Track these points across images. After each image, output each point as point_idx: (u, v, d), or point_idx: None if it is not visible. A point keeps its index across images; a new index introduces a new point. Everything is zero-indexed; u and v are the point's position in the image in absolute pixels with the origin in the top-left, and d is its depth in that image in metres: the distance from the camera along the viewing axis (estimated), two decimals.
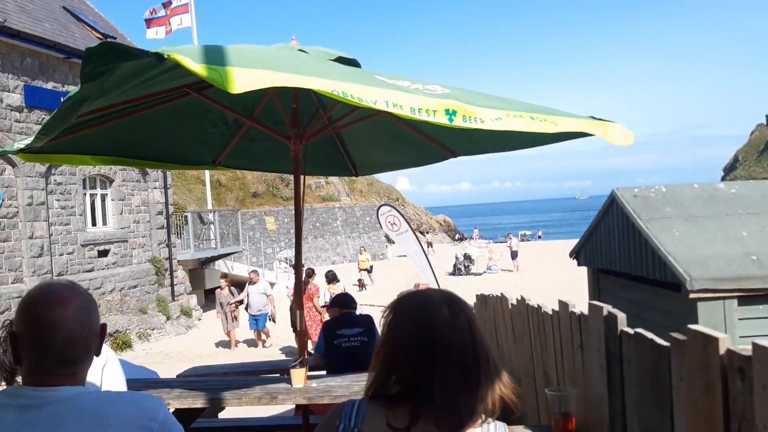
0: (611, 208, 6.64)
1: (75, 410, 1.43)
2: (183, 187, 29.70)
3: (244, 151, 5.01)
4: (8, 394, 1.48)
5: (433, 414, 1.36)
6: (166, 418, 1.50)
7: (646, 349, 2.00)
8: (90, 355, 1.54)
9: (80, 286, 1.59)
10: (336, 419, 1.43)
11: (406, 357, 1.41)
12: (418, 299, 1.50)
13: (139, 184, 17.17)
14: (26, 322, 1.49)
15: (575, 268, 9.85)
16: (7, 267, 12.99)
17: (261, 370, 5.98)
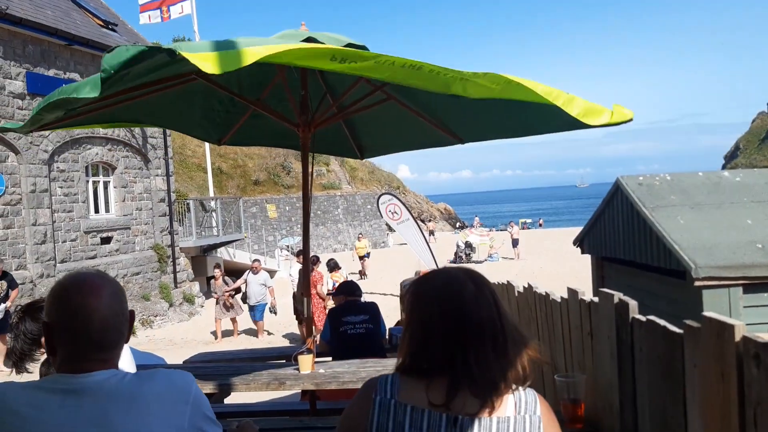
0: (616, 196, 6.65)
1: (113, 392, 1.46)
2: (184, 175, 29.67)
3: (251, 129, 5.02)
4: (48, 381, 1.51)
5: (469, 385, 1.42)
6: (197, 392, 1.55)
7: (659, 337, 2.02)
8: (122, 340, 1.58)
9: (108, 274, 1.63)
10: (371, 392, 1.48)
11: (438, 333, 1.47)
12: (442, 277, 1.57)
13: (141, 172, 17.17)
14: (61, 311, 1.51)
15: (577, 256, 9.88)
16: (11, 254, 13.02)
17: (267, 357, 6.01)
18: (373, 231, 39.00)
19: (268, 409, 5.04)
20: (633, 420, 2.25)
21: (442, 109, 4.41)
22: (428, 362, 1.47)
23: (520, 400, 1.47)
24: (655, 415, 2.07)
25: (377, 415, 1.44)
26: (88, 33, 15.07)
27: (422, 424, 1.41)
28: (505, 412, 1.44)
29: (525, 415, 1.45)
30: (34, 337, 2.85)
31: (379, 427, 1.43)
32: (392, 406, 1.43)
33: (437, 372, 1.45)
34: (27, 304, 2.95)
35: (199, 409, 1.53)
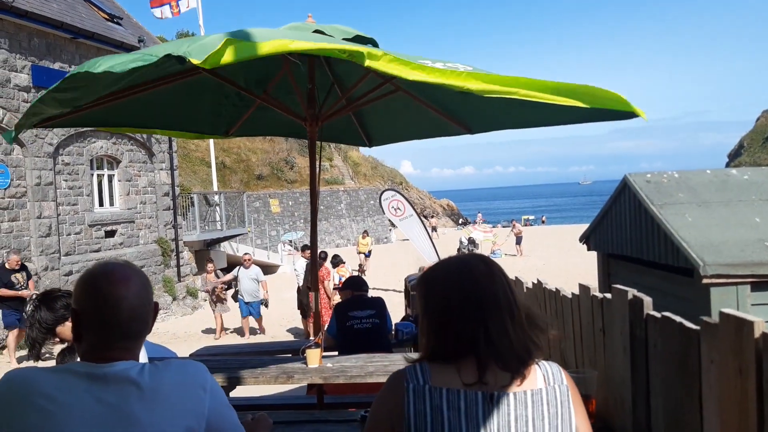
0: (623, 193, 6.64)
1: (135, 382, 1.49)
2: (188, 169, 29.69)
3: (258, 120, 5.00)
4: (75, 365, 1.53)
5: (496, 360, 1.46)
6: (213, 380, 1.58)
7: (674, 333, 2.02)
8: (146, 330, 1.61)
9: (135, 265, 1.65)
10: (401, 381, 1.49)
11: (457, 313, 1.50)
12: (453, 261, 1.63)
13: (145, 165, 17.18)
14: (90, 299, 1.54)
15: (580, 253, 9.87)
16: (16, 246, 13.04)
17: (273, 351, 6.02)
18: (375, 226, 39.01)
19: (274, 402, 5.06)
20: (646, 416, 2.26)
21: (451, 100, 4.41)
22: (452, 345, 1.50)
23: (547, 371, 1.51)
24: (669, 411, 2.07)
25: (413, 402, 1.45)
26: (94, 26, 15.07)
27: (459, 404, 1.43)
28: (536, 384, 1.48)
29: (554, 386, 1.49)
30: (48, 326, 2.87)
31: (416, 413, 1.44)
32: (427, 392, 1.45)
33: (463, 353, 1.49)
34: (43, 293, 2.96)
35: (217, 396, 1.56)
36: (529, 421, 1.44)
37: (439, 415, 1.43)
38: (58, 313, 2.87)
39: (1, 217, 12.77)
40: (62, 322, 2.88)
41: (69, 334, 2.91)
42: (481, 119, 4.66)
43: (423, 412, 1.44)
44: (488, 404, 1.43)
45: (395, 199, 18.05)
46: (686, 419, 1.95)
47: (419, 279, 1.65)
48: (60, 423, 1.43)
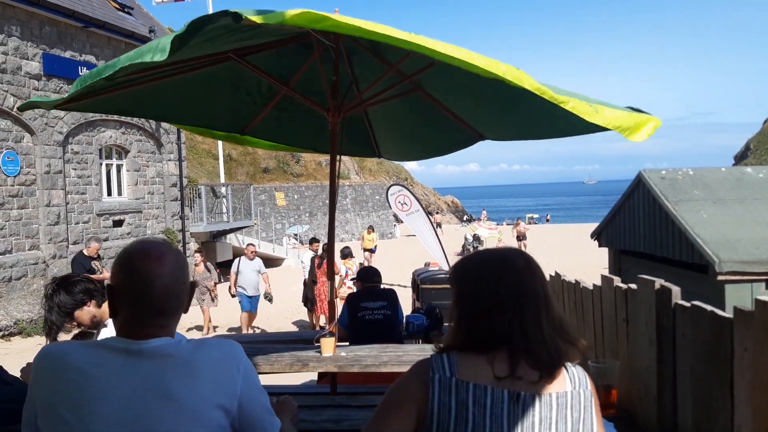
0: (637, 190, 6.63)
1: (170, 358, 1.50)
2: (194, 161, 29.71)
3: (273, 122, 4.99)
4: (110, 340, 1.55)
5: (527, 356, 1.45)
6: (247, 361, 1.58)
7: (705, 321, 2.02)
8: (181, 309, 1.61)
9: (173, 244, 1.65)
10: (426, 370, 1.47)
11: (493, 304, 1.49)
12: (493, 252, 1.62)
13: (154, 156, 17.21)
14: (125, 276, 1.56)
15: (585, 251, 9.81)
16: (25, 234, 13.10)
17: (285, 340, 6.03)
18: (380, 222, 39.02)
19: (288, 392, 5.07)
20: (672, 405, 2.26)
21: (465, 105, 4.44)
22: (486, 335, 1.48)
23: (574, 375, 1.51)
24: (698, 400, 2.08)
25: (438, 394, 1.43)
26: (105, 15, 15.08)
27: (485, 401, 1.42)
28: (562, 387, 1.47)
29: (580, 390, 1.49)
30: (67, 310, 2.88)
31: (440, 405, 1.43)
32: (453, 385, 1.43)
33: (496, 345, 1.47)
34: (62, 277, 2.97)
35: (250, 378, 1.56)
36: (553, 424, 1.43)
37: (464, 410, 1.41)
38: (76, 297, 2.88)
39: (11, 205, 12.81)
40: (80, 307, 2.89)
41: (86, 319, 2.92)
42: (494, 126, 4.67)
43: (447, 405, 1.42)
44: (514, 404, 1.42)
45: (402, 194, 18.01)
46: (716, 407, 1.96)
47: (453, 268, 1.63)
48: (93, 397, 1.44)
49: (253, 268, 12.38)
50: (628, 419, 2.58)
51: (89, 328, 2.98)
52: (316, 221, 33.99)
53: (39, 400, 1.51)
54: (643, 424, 2.48)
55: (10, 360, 8.75)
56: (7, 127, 12.71)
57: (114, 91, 3.63)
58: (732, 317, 1.87)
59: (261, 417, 1.58)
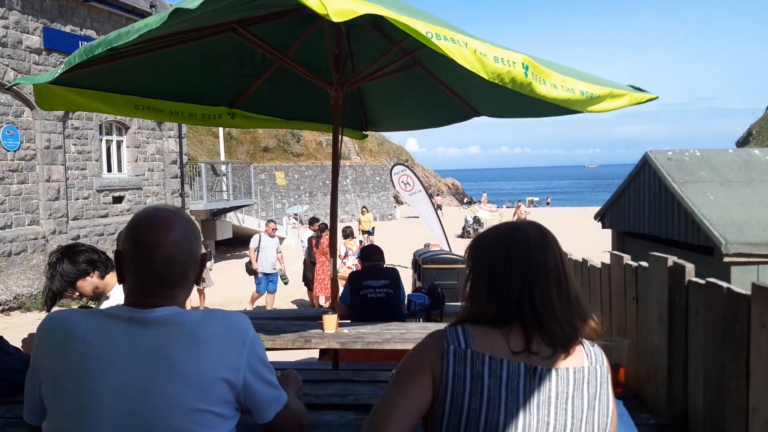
0: (643, 171, 6.57)
1: (175, 328, 1.46)
2: (194, 138, 29.59)
3: (267, 96, 4.85)
4: (115, 309, 1.52)
5: (540, 330, 1.42)
6: (254, 335, 1.54)
7: (719, 298, 1.98)
8: (188, 282, 1.57)
9: (186, 213, 1.62)
10: (441, 342, 1.44)
11: (504, 277, 1.46)
12: (507, 225, 1.58)
13: (154, 132, 17.11)
14: (131, 242, 1.52)
15: (584, 235, 9.77)
16: (24, 209, 13.06)
17: (287, 317, 6.02)
18: (380, 203, 38.99)
19: (290, 368, 5.06)
20: (683, 385, 2.23)
21: (462, 82, 4.41)
22: (499, 309, 1.46)
23: (590, 351, 1.48)
24: (710, 380, 2.04)
25: (453, 365, 1.40)
26: None
27: (501, 373, 1.39)
28: (580, 362, 1.44)
29: (596, 365, 1.46)
30: (70, 279, 2.85)
31: (455, 376, 1.39)
32: (469, 356, 1.40)
33: (510, 319, 1.44)
34: (66, 246, 2.94)
35: (256, 352, 1.52)
36: (569, 399, 1.40)
37: (479, 382, 1.38)
38: (80, 267, 2.85)
39: (11, 179, 12.76)
40: (83, 277, 2.87)
41: (89, 290, 2.90)
42: (491, 103, 4.65)
43: (462, 377, 1.39)
44: (530, 377, 1.39)
45: (405, 174, 17.96)
46: (729, 386, 1.92)
47: (470, 242, 1.60)
48: (95, 367, 1.41)
49: (274, 245, 12.03)
50: (637, 398, 2.55)
51: (91, 299, 2.96)
52: (316, 201, 33.93)
53: (43, 369, 1.47)
54: (652, 404, 2.45)
55: (10, 334, 8.76)
56: (7, 102, 12.62)
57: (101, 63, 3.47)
58: (750, 294, 1.83)
59: (266, 392, 1.56)
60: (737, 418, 1.88)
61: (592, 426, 1.42)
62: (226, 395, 1.46)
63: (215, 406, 1.44)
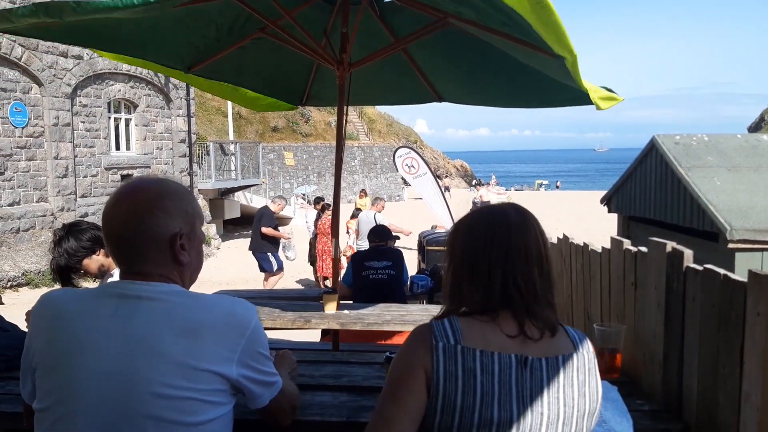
0: (650, 155, 6.51)
1: (168, 310, 1.42)
2: (204, 118, 29.58)
3: (233, 62, 4.38)
4: (108, 286, 1.50)
5: (529, 315, 1.40)
6: (256, 327, 1.49)
7: (716, 286, 1.96)
8: (166, 257, 1.48)
9: (162, 185, 1.52)
10: (428, 338, 1.39)
11: (486, 261, 1.43)
12: (487, 209, 1.53)
13: (162, 111, 17.11)
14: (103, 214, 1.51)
15: (594, 218, 9.70)
16: (32, 186, 13.12)
17: (288, 297, 6.04)
18: (388, 184, 38.95)
19: (290, 347, 5.08)
20: (678, 371, 2.21)
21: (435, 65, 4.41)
22: (482, 296, 1.43)
23: (574, 336, 1.46)
24: (705, 366, 2.03)
25: (443, 362, 1.35)
26: None
27: (493, 367, 1.35)
28: (568, 349, 1.43)
29: (583, 352, 1.45)
30: (77, 257, 2.86)
31: (446, 374, 1.35)
32: (459, 352, 1.36)
33: (497, 306, 1.42)
34: (70, 223, 2.95)
35: (253, 345, 1.47)
36: (561, 388, 1.38)
37: (472, 379, 1.34)
38: (84, 245, 2.86)
39: (19, 156, 12.81)
40: (89, 255, 2.87)
41: (94, 268, 2.90)
42: (455, 88, 4.67)
43: (454, 374, 1.34)
44: (522, 368, 1.37)
45: (409, 156, 17.85)
46: (723, 373, 1.91)
47: (450, 228, 1.57)
48: (79, 348, 1.39)
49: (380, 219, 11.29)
50: (632, 383, 2.54)
51: (96, 277, 2.97)
52: (325, 182, 33.92)
53: (36, 350, 1.46)
54: (648, 389, 2.44)
55: (18, 310, 8.85)
56: (15, 78, 12.63)
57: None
58: (746, 281, 1.81)
59: (261, 383, 1.52)
60: (730, 405, 1.87)
61: (583, 412, 1.41)
62: (218, 385, 1.42)
63: (205, 394, 1.39)
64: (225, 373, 1.42)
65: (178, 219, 1.49)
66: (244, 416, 1.70)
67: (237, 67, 4.50)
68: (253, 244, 11.27)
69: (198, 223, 1.55)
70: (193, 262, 1.54)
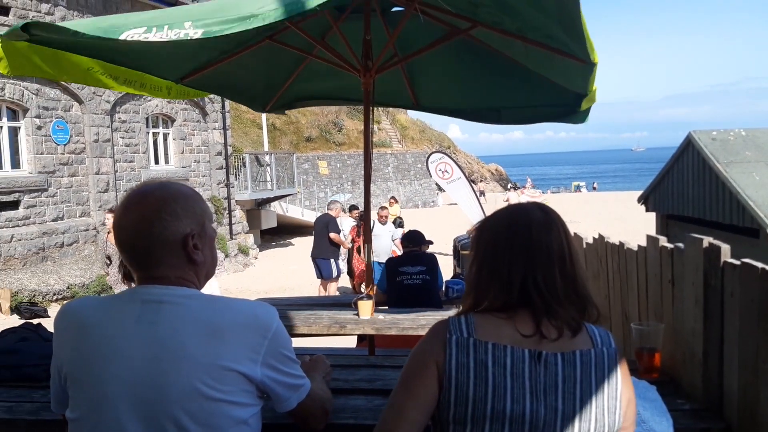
0: (686, 152, 6.38)
1: (190, 313, 1.43)
2: (239, 130, 29.99)
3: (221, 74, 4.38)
4: (131, 291, 1.50)
5: (546, 313, 1.40)
6: (278, 328, 1.49)
7: (754, 280, 1.92)
8: (179, 259, 1.50)
9: (168, 189, 1.53)
10: (443, 333, 1.42)
11: (506, 259, 1.43)
12: (512, 208, 1.54)
13: (199, 125, 17.41)
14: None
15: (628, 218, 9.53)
16: (75, 201, 13.47)
17: (324, 304, 6.08)
18: (422, 190, 38.90)
19: (328, 353, 5.11)
20: (718, 368, 2.17)
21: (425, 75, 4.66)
22: (501, 294, 1.43)
23: (595, 333, 1.45)
24: (746, 362, 1.98)
25: (455, 355, 1.38)
26: None
27: (505, 360, 1.36)
28: (587, 345, 1.42)
29: (603, 348, 1.43)
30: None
31: (458, 366, 1.37)
32: (471, 345, 1.38)
33: (515, 304, 1.42)
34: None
35: (277, 346, 1.48)
36: (577, 383, 1.37)
37: (483, 370, 1.35)
38: None
39: (62, 173, 13.17)
40: None
41: None
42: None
43: (466, 366, 1.36)
44: (535, 363, 1.37)
45: (443, 162, 17.78)
46: (765, 369, 1.87)
47: (476, 225, 1.59)
48: (106, 356, 1.41)
49: (388, 232, 11.25)
50: (672, 383, 2.49)
51: None
52: (359, 189, 34.03)
53: (63, 361, 1.47)
54: (688, 388, 2.39)
55: None
56: (56, 96, 13.01)
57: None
58: None
59: (287, 385, 1.53)
60: None
61: (602, 410, 1.39)
62: (244, 385, 1.43)
63: (231, 395, 1.40)
64: (249, 373, 1.42)
65: (187, 220, 1.50)
66: (276, 420, 1.72)
67: (224, 73, 4.37)
68: (318, 251, 11.32)
69: (207, 221, 1.56)
70: (207, 259, 1.56)
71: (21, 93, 12.25)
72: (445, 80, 4.77)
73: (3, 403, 2.22)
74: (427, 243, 6.12)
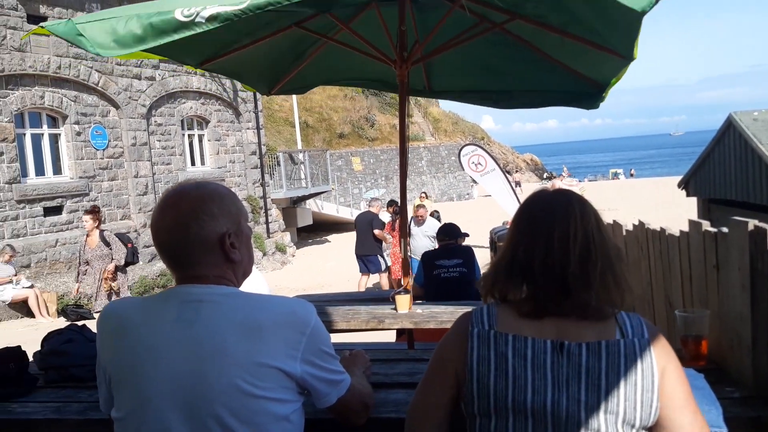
0: (727, 134, 6.21)
1: (228, 311, 1.44)
2: (272, 129, 30.25)
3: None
4: (170, 291, 1.52)
5: (572, 305, 1.38)
6: (317, 325, 1.50)
7: None
8: (214, 258, 1.51)
9: (204, 189, 1.54)
10: (466, 325, 1.43)
11: (526, 248, 1.43)
12: (534, 195, 1.53)
13: (233, 125, 17.61)
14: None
15: (671, 204, 9.36)
16: (116, 204, 13.76)
17: (362, 299, 6.09)
18: (457, 183, 38.73)
19: (367, 348, 5.12)
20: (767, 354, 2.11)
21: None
22: (522, 282, 1.43)
23: (626, 323, 1.41)
24: None
25: (476, 348, 1.38)
26: None
27: (526, 351, 1.35)
28: (613, 336, 1.38)
29: (633, 339, 1.38)
30: None
31: (479, 359, 1.38)
32: (492, 337, 1.38)
33: (538, 294, 1.42)
34: None
35: (315, 342, 1.48)
36: (603, 374, 1.33)
37: (504, 362, 1.35)
38: None
39: (102, 177, 13.45)
40: None
41: None
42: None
43: (486, 358, 1.36)
44: (557, 354, 1.34)
45: (476, 154, 17.57)
46: None
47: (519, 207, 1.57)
48: (147, 356, 1.42)
49: (424, 232, 10.63)
50: (720, 370, 2.43)
51: None
52: (393, 185, 34.05)
53: (107, 362, 1.50)
54: (736, 375, 2.32)
55: None
56: (94, 102, 13.28)
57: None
58: None
59: (327, 381, 1.53)
60: None
61: (633, 403, 1.34)
62: (284, 382, 1.44)
63: (271, 392, 1.41)
64: (289, 370, 1.43)
65: (223, 219, 1.51)
66: (317, 416, 1.72)
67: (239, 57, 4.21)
68: (364, 248, 11.66)
69: (243, 220, 1.57)
70: (244, 258, 1.57)
71: (60, 100, 12.55)
72: (456, 64, 4.69)
73: (51, 403, 2.27)
74: (462, 235, 6.09)
